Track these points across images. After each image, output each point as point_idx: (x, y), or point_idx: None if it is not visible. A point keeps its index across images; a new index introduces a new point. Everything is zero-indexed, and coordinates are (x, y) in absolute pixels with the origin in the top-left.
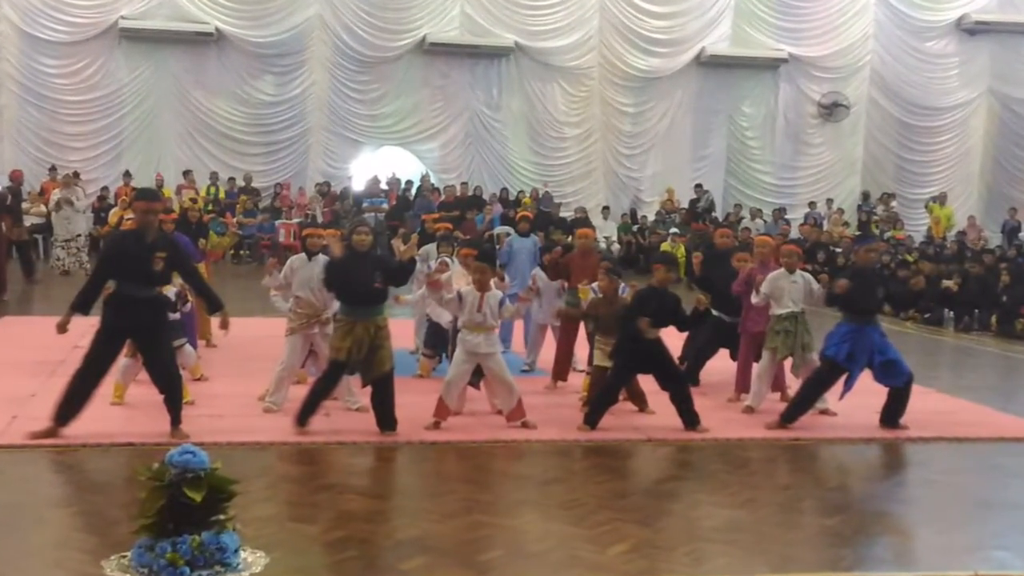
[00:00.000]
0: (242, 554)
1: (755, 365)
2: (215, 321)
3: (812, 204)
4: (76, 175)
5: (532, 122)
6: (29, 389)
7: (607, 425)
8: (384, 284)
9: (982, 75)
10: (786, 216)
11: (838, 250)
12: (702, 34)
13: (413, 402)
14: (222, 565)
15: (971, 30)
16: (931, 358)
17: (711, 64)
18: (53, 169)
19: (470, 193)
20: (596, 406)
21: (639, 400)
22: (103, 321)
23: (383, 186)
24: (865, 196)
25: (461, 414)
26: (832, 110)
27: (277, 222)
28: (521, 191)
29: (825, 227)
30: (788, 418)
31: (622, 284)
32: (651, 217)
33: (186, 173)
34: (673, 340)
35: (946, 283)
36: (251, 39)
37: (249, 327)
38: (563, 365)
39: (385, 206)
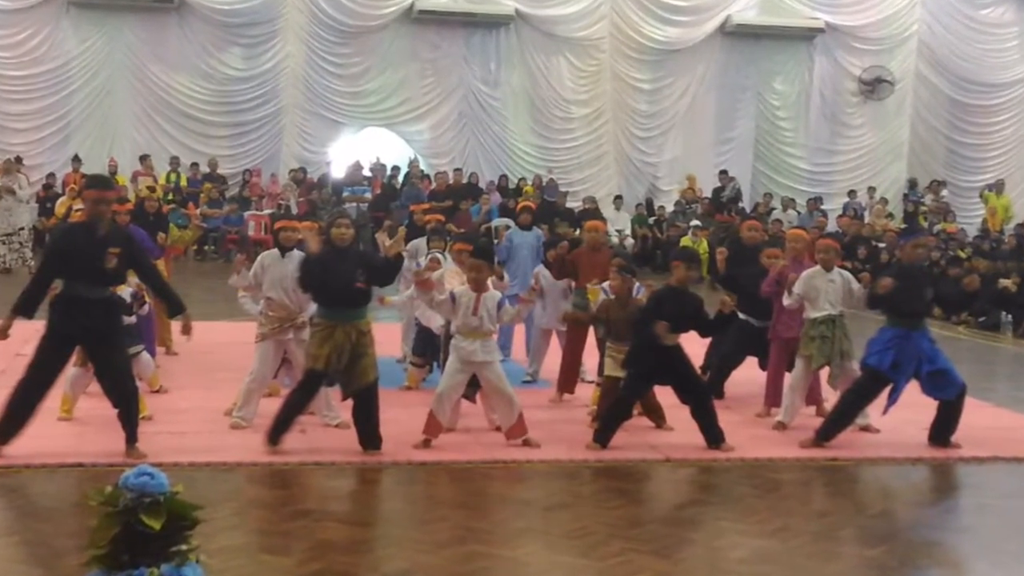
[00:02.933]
0: None
1: (787, 375)
2: (176, 325)
3: (852, 193)
4: (18, 160)
5: (535, 100)
6: None
7: (620, 443)
8: (367, 284)
9: None
10: (822, 207)
11: (881, 245)
12: (727, 0)
13: (400, 417)
14: None
15: None
16: (987, 367)
17: (738, 34)
18: None
19: (464, 181)
20: (607, 422)
21: (656, 415)
22: (49, 325)
23: (366, 173)
24: (912, 184)
25: (454, 431)
26: (875, 87)
27: (246, 213)
28: (522, 178)
29: (866, 219)
30: (825, 435)
31: (636, 284)
32: (669, 208)
33: (143, 158)
34: (695, 347)
35: (1003, 283)
36: (216, 6)
37: (214, 332)
38: (570, 375)
39: (368, 195)
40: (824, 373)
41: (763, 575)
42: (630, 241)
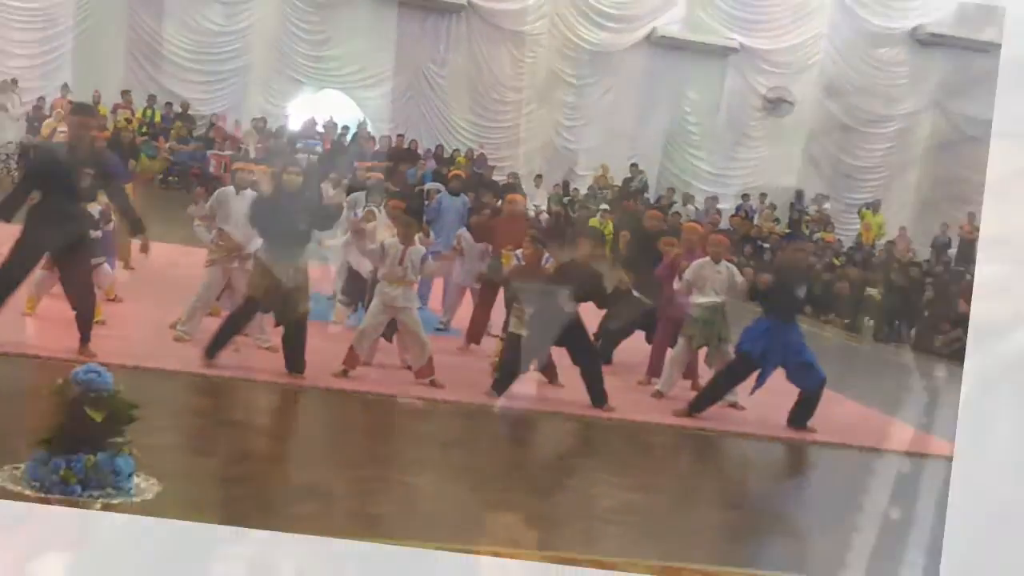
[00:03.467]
0: (135, 479)
1: (670, 350)
2: (136, 244)
3: (745, 196)
4: (14, 82)
5: (476, 83)
6: None
7: (515, 393)
8: (309, 227)
9: (931, 88)
10: (718, 206)
11: (766, 245)
12: (656, 14)
13: (324, 347)
14: (114, 488)
15: (925, 41)
16: (846, 364)
17: (661, 45)
18: None
19: (405, 146)
20: (506, 373)
21: (550, 372)
22: (24, 232)
23: (319, 129)
24: (799, 195)
25: (370, 365)
26: (776, 105)
27: (209, 152)
28: (456, 150)
29: (756, 221)
30: (697, 407)
31: (546, 254)
32: (583, 191)
33: (124, 93)
34: (590, 316)
35: (870, 291)
36: None
37: (169, 254)
38: (478, 328)
39: (319, 149)
40: (703, 353)
41: (628, 524)
42: (545, 216)
